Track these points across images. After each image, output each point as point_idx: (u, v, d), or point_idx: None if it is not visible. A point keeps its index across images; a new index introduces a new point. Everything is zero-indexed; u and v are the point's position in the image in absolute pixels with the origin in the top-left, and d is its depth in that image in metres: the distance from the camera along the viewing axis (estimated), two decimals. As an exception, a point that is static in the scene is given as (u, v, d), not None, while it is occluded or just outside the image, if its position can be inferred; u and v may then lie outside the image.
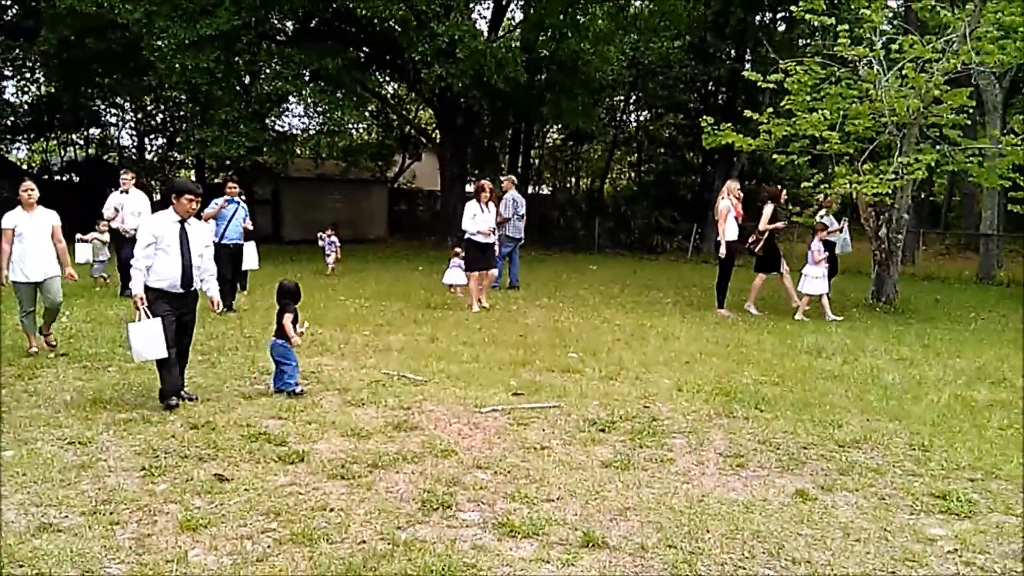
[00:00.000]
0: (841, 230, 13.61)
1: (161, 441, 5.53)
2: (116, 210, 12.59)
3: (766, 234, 12.53)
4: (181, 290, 6.56)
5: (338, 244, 17.62)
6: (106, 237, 14.00)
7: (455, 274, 14.02)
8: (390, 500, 4.64)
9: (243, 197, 12.59)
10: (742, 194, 12.74)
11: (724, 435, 6.09)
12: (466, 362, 8.38)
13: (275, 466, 5.12)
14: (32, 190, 8.21)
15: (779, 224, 12.86)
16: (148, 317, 6.32)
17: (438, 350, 8.98)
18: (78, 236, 13.70)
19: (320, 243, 17.80)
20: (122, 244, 12.44)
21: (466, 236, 12.42)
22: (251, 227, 12.42)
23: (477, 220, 12.28)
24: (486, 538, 4.20)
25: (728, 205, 12.34)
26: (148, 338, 6.26)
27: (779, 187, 13.20)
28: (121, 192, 12.71)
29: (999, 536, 4.40)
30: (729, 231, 12.34)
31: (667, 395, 7.24)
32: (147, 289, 6.44)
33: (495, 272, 12.73)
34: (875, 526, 4.49)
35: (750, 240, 12.76)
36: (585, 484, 4.98)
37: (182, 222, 6.59)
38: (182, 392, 6.64)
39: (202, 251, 6.73)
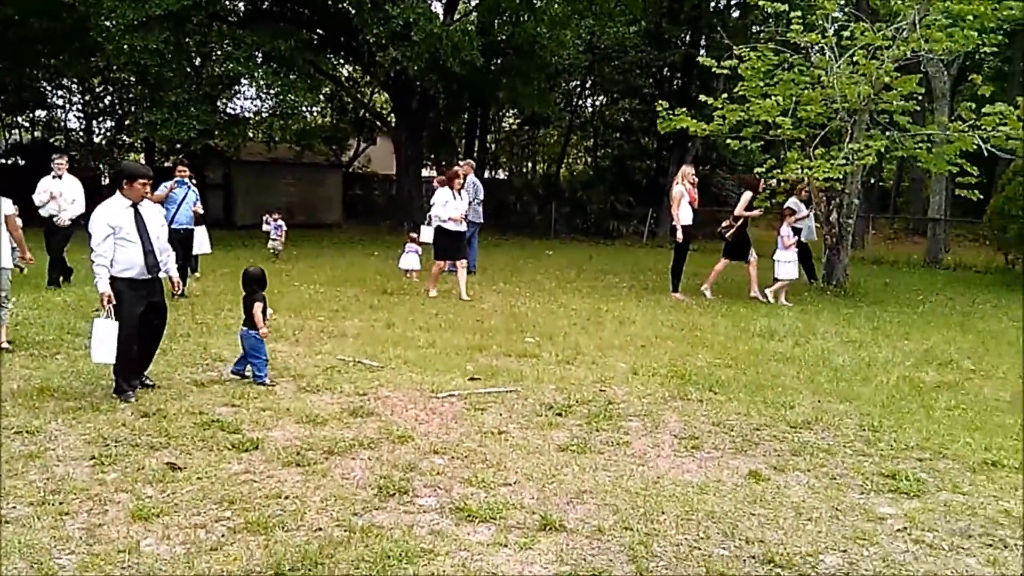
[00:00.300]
0: (807, 216, 13.74)
1: (111, 430, 5.43)
2: (52, 196, 11.65)
3: (740, 220, 12.61)
4: (148, 276, 6.36)
5: (284, 228, 17.26)
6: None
7: (411, 259, 13.97)
8: (346, 487, 4.61)
9: (193, 181, 12.20)
10: (696, 179, 12.82)
11: (679, 417, 6.15)
12: (422, 347, 8.35)
13: (228, 454, 5.06)
14: None
15: (755, 212, 12.96)
16: (111, 317, 6.11)
17: (394, 336, 8.93)
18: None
19: (265, 227, 17.40)
20: (50, 234, 11.71)
21: (435, 224, 12.11)
22: (202, 211, 12.04)
23: (449, 207, 11.92)
24: (443, 523, 4.20)
25: (682, 190, 12.40)
26: (104, 339, 6.08)
27: (757, 176, 13.24)
28: (54, 177, 11.72)
29: (947, 514, 4.51)
30: (683, 215, 12.43)
31: (623, 379, 7.29)
32: (114, 280, 6.18)
33: (464, 262, 12.35)
34: (827, 505, 4.57)
35: (723, 225, 12.84)
36: (542, 468, 5.00)
37: (135, 206, 6.35)
38: (144, 378, 6.55)
39: (159, 233, 6.52)
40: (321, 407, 6.12)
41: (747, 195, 12.66)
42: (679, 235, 12.51)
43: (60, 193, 11.63)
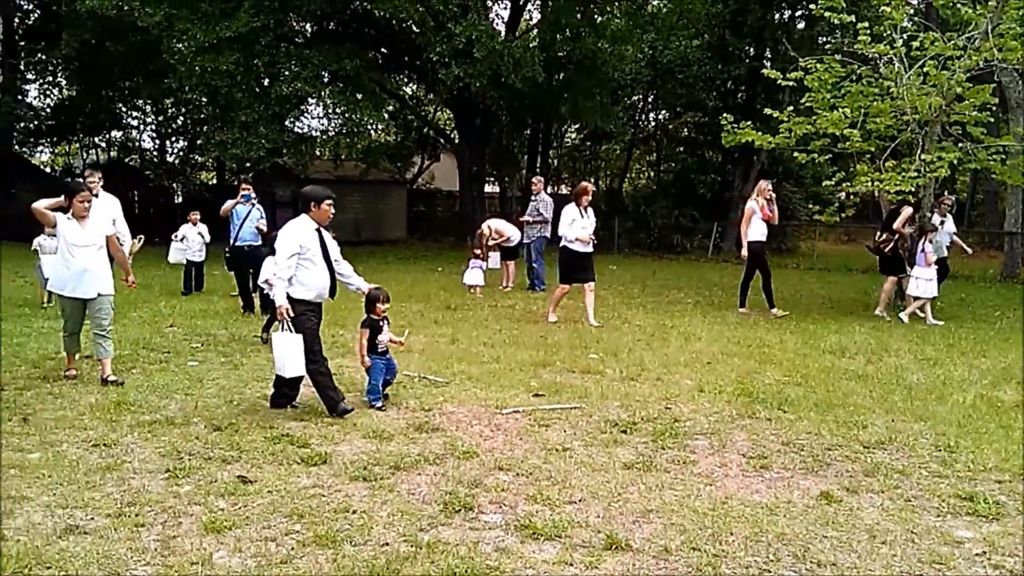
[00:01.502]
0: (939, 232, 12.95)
1: (185, 443, 5.56)
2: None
3: (897, 236, 12.33)
4: (328, 299, 6.50)
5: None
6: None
7: (475, 275, 14.04)
8: (412, 502, 4.64)
9: (255, 198, 12.05)
10: (773, 194, 12.59)
11: (747, 436, 6.05)
12: (487, 363, 8.38)
13: (298, 468, 5.14)
14: (88, 201, 7.28)
15: (912, 228, 12.51)
16: (292, 331, 6.16)
17: (459, 351, 8.98)
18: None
19: None
20: None
21: (561, 245, 11.17)
22: (266, 228, 11.85)
23: (576, 226, 10.96)
24: (509, 540, 4.19)
25: (754, 207, 12.22)
26: (289, 353, 6.13)
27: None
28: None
29: (1028, 538, 4.34)
30: (752, 232, 12.25)
31: (689, 396, 7.20)
32: (290, 300, 6.24)
33: (592, 285, 11.23)
34: (901, 528, 4.44)
35: (880, 239, 12.55)
36: (607, 486, 4.96)
37: (319, 230, 6.41)
38: (291, 401, 6.62)
39: (337, 257, 6.57)
40: (387, 422, 6.18)
41: (907, 210, 12.39)
42: (743, 251, 12.39)
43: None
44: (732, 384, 7.62)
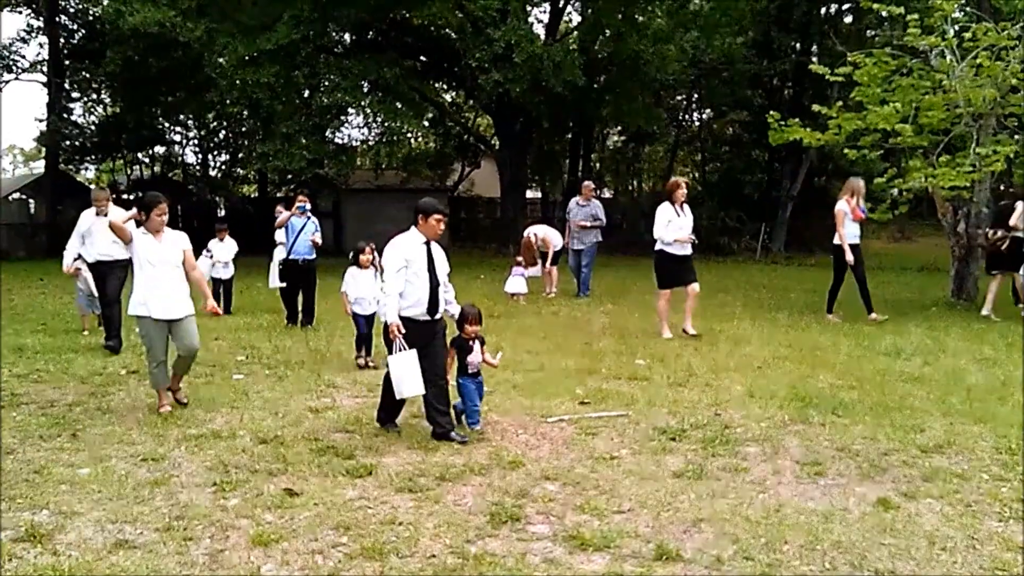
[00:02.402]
0: None
1: (231, 456, 5.58)
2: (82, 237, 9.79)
3: (1013, 231, 11.77)
4: (427, 317, 6.06)
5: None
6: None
7: (517, 282, 13.98)
8: (459, 513, 4.60)
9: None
10: (864, 191, 11.83)
11: (800, 442, 5.90)
12: (531, 371, 8.31)
13: (343, 480, 5.12)
14: (165, 214, 6.82)
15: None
16: (404, 348, 5.84)
17: (502, 360, 8.89)
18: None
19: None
20: (106, 277, 9.63)
21: (656, 248, 10.39)
22: (320, 241, 11.29)
23: (672, 227, 10.11)
24: (557, 551, 4.12)
25: (844, 208, 11.44)
26: (407, 372, 5.83)
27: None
28: (98, 214, 9.39)
29: (1096, 544, 4.17)
30: (849, 234, 11.45)
31: (739, 402, 7.06)
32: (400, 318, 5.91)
33: (696, 287, 10.46)
34: (962, 534, 4.30)
35: (995, 235, 12.05)
36: (657, 495, 4.86)
37: (428, 244, 6.15)
38: (392, 424, 6.31)
39: (446, 273, 6.30)
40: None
41: (1021, 205, 11.90)
42: (849, 256, 11.37)
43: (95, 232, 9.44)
44: (784, 389, 7.45)
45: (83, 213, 9.76)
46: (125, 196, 32.57)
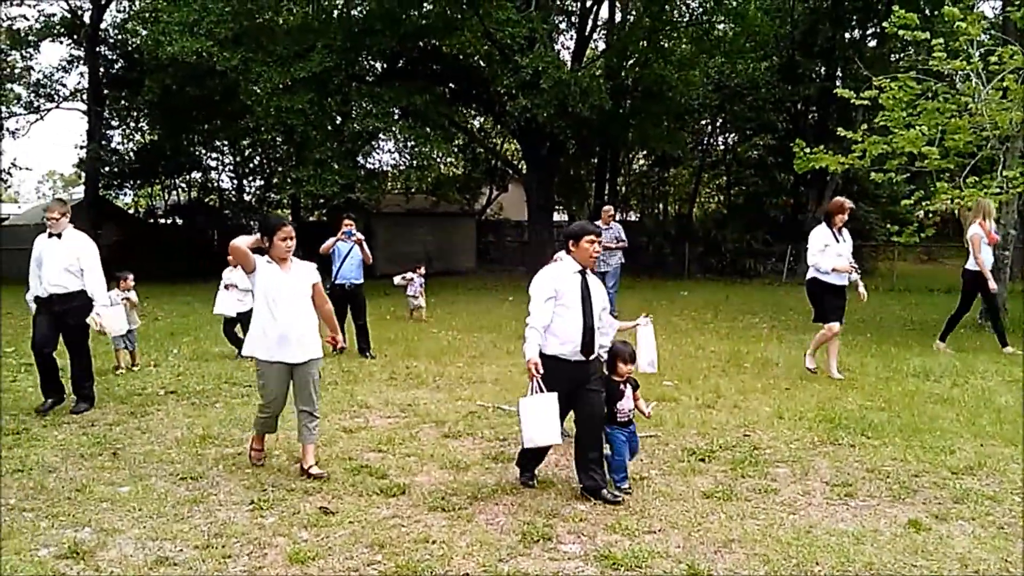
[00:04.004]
0: None
1: (268, 475, 5.69)
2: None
3: None
4: (581, 357, 5.31)
5: (423, 284, 15.38)
6: (133, 296, 10.24)
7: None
8: (491, 532, 4.66)
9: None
10: (995, 213, 11.27)
11: (830, 463, 5.92)
12: (560, 392, 8.35)
13: (377, 499, 5.20)
14: (292, 239, 5.76)
15: None
16: (542, 390, 5.13)
17: (532, 381, 8.97)
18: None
19: (400, 280, 15.47)
20: (63, 317, 7.63)
21: (810, 275, 9.15)
22: (370, 260, 11.09)
23: (830, 252, 8.87)
24: (588, 571, 4.18)
25: (979, 232, 10.70)
26: (540, 418, 5.08)
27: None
28: (50, 236, 7.57)
29: None
30: (986, 259, 10.78)
31: (768, 423, 7.08)
32: (543, 357, 5.22)
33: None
34: (994, 556, 4.31)
35: None
36: (687, 515, 4.91)
37: (583, 272, 5.45)
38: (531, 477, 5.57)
39: (603, 306, 5.58)
40: (463, 452, 6.22)
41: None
42: (993, 284, 10.75)
43: (47, 255, 7.52)
44: (812, 410, 7.46)
45: (37, 238, 7.74)
46: (163, 221, 33.13)
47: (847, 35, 28.06)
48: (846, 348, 11.13)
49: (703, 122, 32.80)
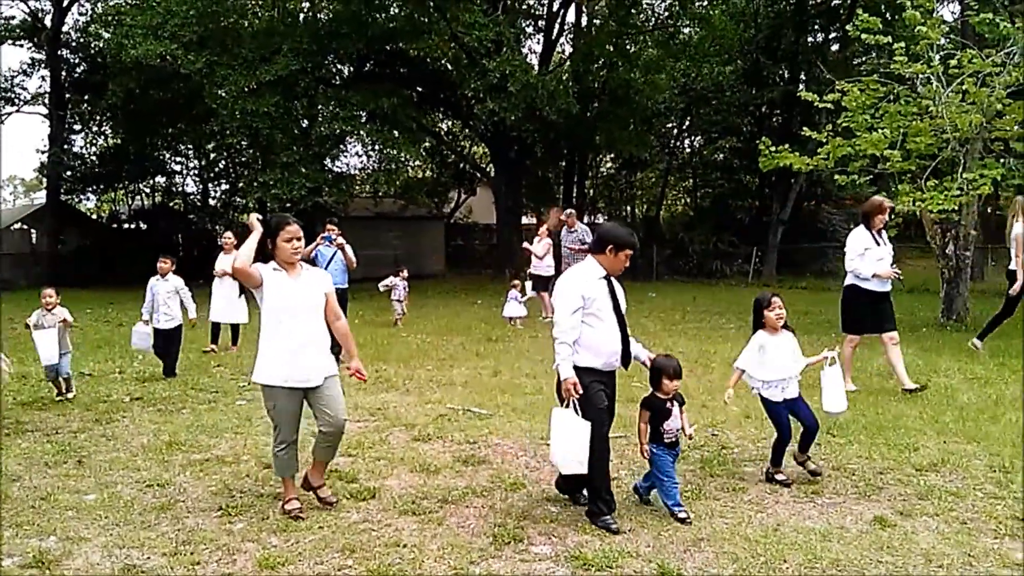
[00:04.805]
0: None
1: (236, 481, 5.64)
2: None
3: None
4: (617, 367, 5.06)
5: (407, 289, 15.17)
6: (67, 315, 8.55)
7: (514, 307, 14.08)
8: (462, 535, 4.66)
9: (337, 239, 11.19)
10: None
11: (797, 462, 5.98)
12: (530, 394, 8.39)
13: (347, 503, 5.18)
14: (300, 240, 5.04)
15: None
16: (577, 412, 4.73)
17: (501, 383, 9.01)
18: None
19: (384, 285, 15.10)
20: None
21: (848, 282, 8.53)
22: (355, 264, 11.13)
23: (869, 257, 8.28)
24: (559, 572, 4.20)
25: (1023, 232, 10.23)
26: (570, 445, 4.70)
27: None
28: None
29: (1090, 560, 4.25)
30: None
31: (735, 422, 7.15)
32: (576, 370, 4.83)
33: (896, 336, 8.58)
34: (958, 551, 4.38)
35: None
36: (656, 515, 4.95)
37: (609, 279, 5.04)
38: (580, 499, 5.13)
39: (624, 310, 5.16)
40: (433, 456, 6.21)
41: None
42: (1017, 285, 10.32)
43: None
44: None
45: None
46: (127, 226, 32.66)
47: (810, 39, 28.45)
48: (810, 348, 11.23)
49: (669, 125, 33.08)
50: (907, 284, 22.16)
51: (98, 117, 28.81)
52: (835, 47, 28.73)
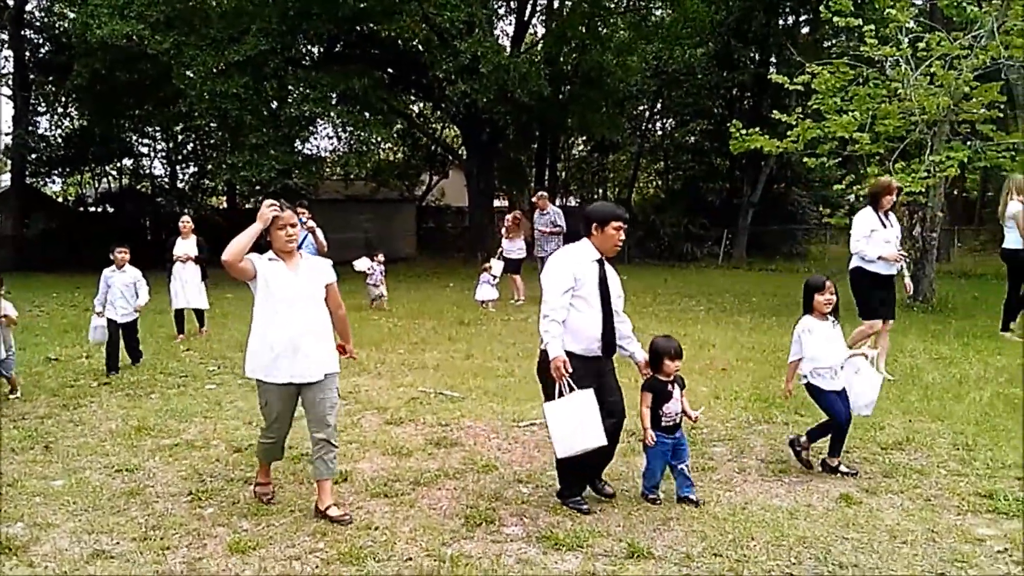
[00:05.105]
0: None
1: (206, 465, 5.61)
2: None
3: None
4: (599, 354, 4.88)
5: (384, 272, 14.93)
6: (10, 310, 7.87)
7: (486, 290, 14.07)
8: (434, 517, 4.68)
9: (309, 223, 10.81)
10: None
11: (765, 441, 6.07)
12: (502, 377, 8.41)
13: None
14: (295, 226, 4.76)
15: None
16: (571, 389, 4.61)
17: (473, 366, 9.02)
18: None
19: (359, 266, 14.62)
20: None
21: (853, 265, 8.13)
22: (326, 248, 10.88)
23: (876, 239, 7.90)
24: (531, 552, 4.22)
25: (1020, 209, 10.14)
26: (575, 419, 4.54)
27: None
28: None
29: (1049, 535, 4.35)
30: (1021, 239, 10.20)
31: (705, 403, 7.20)
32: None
33: (891, 323, 8.38)
34: (922, 528, 4.46)
35: None
36: (627, 495, 4.99)
37: (601, 261, 4.94)
38: (602, 483, 5.06)
39: (619, 295, 5.06)
40: (405, 439, 6.21)
41: None
42: None
43: None
44: (748, 390, 7.62)
45: None
46: (94, 209, 32.13)
47: (780, 22, 28.54)
48: (779, 329, 11.37)
49: (641, 108, 33.11)
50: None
51: (63, 98, 28.24)
52: (806, 29, 28.89)
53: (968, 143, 12.88)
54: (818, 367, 5.41)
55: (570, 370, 4.57)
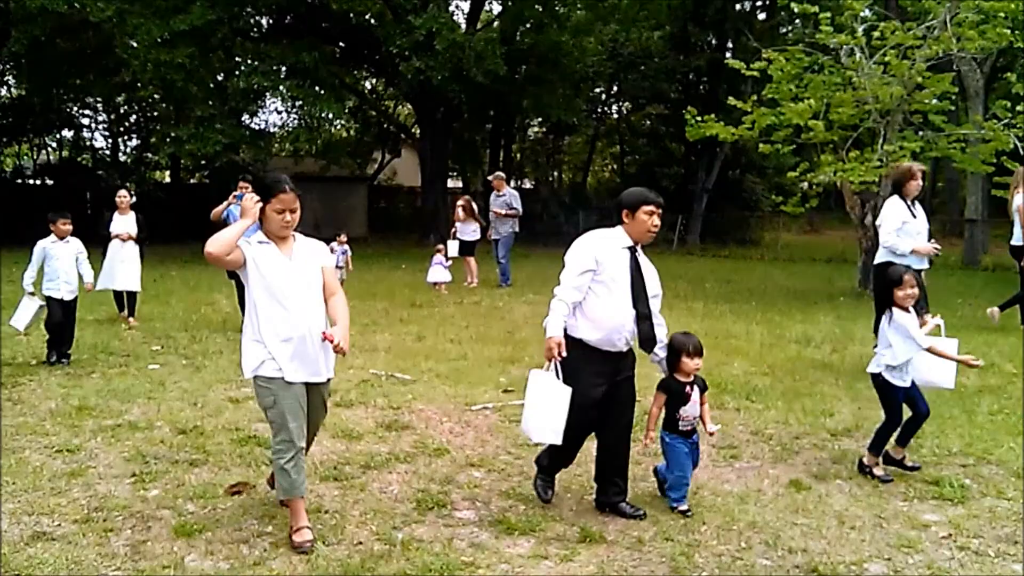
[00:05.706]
0: None
1: (150, 447, 5.46)
2: None
3: None
4: (623, 348, 4.52)
5: (349, 254, 14.48)
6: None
7: (438, 272, 13.96)
8: (385, 501, 4.61)
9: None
10: None
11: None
12: (454, 360, 8.34)
13: (266, 470, 5.03)
14: (294, 211, 4.28)
15: None
16: (558, 377, 4.29)
17: (425, 349, 8.94)
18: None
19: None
20: None
21: (880, 259, 7.52)
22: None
23: (908, 231, 7.41)
24: (483, 536, 4.19)
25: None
26: (546, 407, 4.26)
27: None
28: None
29: (992, 520, 4.44)
30: None
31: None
32: (569, 341, 4.35)
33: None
34: (869, 513, 4.52)
35: None
36: (579, 480, 4.97)
37: (634, 250, 4.59)
38: (620, 500, 4.60)
39: (655, 294, 4.67)
40: (356, 422, 6.12)
41: None
42: None
43: None
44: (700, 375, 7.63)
45: None
46: (32, 182, 31.16)
47: (737, 7, 28.73)
48: (732, 316, 11.48)
49: (597, 90, 33.10)
50: (826, 253, 22.82)
51: (0, 67, 27.33)
52: (762, 15, 29.11)
53: (920, 133, 13.08)
54: (893, 364, 5.08)
55: (564, 354, 4.25)
